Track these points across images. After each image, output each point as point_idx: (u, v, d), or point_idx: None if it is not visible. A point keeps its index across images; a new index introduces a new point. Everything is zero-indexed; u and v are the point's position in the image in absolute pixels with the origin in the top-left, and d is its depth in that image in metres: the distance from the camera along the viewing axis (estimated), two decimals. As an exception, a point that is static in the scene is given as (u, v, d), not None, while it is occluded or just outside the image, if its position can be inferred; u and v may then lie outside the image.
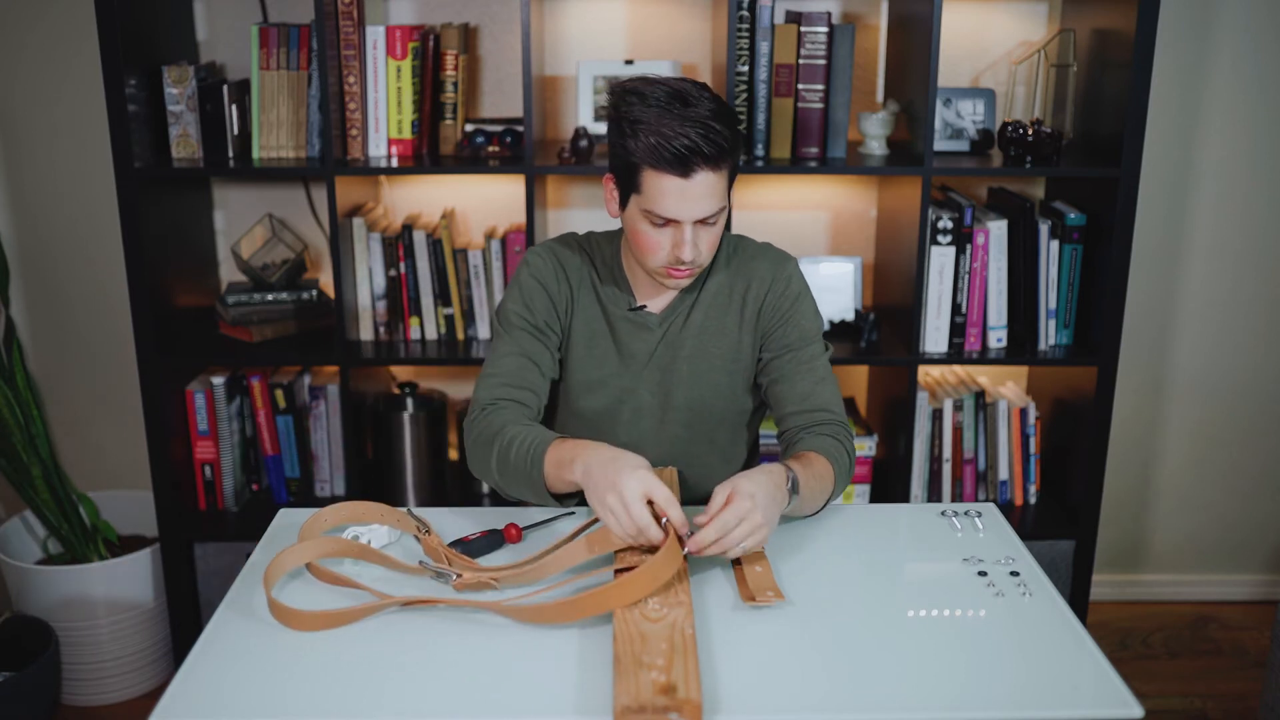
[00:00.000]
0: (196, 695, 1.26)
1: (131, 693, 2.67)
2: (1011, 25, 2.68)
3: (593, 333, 1.78)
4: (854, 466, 1.71)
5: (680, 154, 1.54)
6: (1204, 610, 3.02)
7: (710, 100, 1.58)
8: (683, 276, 1.67)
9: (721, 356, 1.78)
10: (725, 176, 1.61)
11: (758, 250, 1.81)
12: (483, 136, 2.50)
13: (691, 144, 1.54)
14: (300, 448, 2.66)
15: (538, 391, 1.73)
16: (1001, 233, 2.49)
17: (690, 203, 1.58)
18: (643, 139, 1.56)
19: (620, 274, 1.78)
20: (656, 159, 1.56)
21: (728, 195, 1.64)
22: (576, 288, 1.78)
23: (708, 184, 1.58)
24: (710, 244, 1.65)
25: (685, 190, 1.57)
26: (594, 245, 1.81)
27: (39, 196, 2.74)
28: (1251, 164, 2.76)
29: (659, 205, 1.59)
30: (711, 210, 1.60)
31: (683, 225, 1.60)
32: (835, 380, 1.76)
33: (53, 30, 2.63)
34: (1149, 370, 2.90)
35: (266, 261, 2.63)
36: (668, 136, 1.54)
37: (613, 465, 1.43)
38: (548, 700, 1.24)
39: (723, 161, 1.58)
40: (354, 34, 2.41)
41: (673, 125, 1.54)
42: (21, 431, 2.54)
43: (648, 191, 1.59)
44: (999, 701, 1.24)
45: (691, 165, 1.55)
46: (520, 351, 1.73)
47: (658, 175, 1.57)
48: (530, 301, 1.74)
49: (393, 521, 1.62)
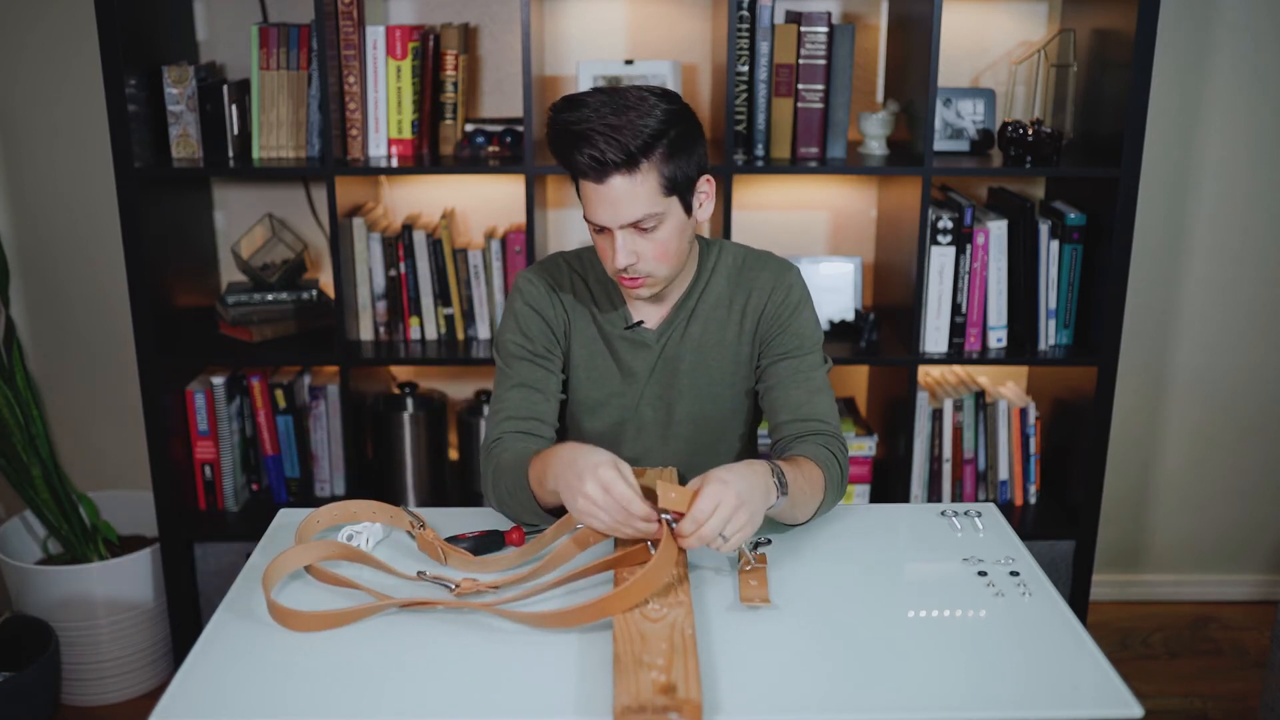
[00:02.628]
0: (196, 695, 1.26)
1: (131, 693, 2.67)
2: (1011, 25, 2.68)
3: (591, 354, 1.77)
4: (846, 482, 1.67)
5: (588, 162, 1.53)
6: (1204, 610, 3.02)
7: (643, 103, 1.54)
8: (634, 286, 1.64)
9: (721, 369, 1.77)
10: (651, 181, 1.54)
11: (760, 260, 1.77)
12: (483, 136, 2.50)
13: (598, 151, 1.51)
14: (300, 448, 2.66)
15: (546, 419, 1.71)
16: (1001, 233, 2.49)
17: (611, 208, 1.56)
18: (565, 149, 1.55)
19: (614, 289, 1.76)
20: (575, 167, 1.55)
21: (669, 203, 1.58)
22: (571, 310, 1.76)
23: (626, 189, 1.54)
24: (656, 253, 1.60)
25: (603, 195, 1.55)
26: (585, 262, 1.79)
27: (39, 196, 2.74)
28: (1251, 164, 2.76)
29: (589, 211, 1.59)
30: (636, 215, 1.56)
31: (614, 232, 1.58)
32: (833, 394, 1.74)
33: (53, 30, 2.63)
34: (1149, 370, 2.90)
35: (266, 261, 2.63)
36: (581, 145, 1.52)
37: (572, 468, 1.42)
38: (548, 700, 1.24)
39: (637, 166, 1.53)
40: (354, 34, 2.41)
41: (584, 135, 1.52)
42: (21, 431, 2.54)
43: (583, 198, 1.60)
44: (999, 701, 1.24)
45: (604, 172, 1.53)
46: (523, 382, 1.71)
47: (584, 183, 1.57)
48: (527, 329, 1.73)
49: (386, 518, 1.61)
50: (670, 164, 1.56)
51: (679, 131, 1.56)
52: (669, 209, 1.59)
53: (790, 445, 1.67)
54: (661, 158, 1.55)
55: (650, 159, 1.54)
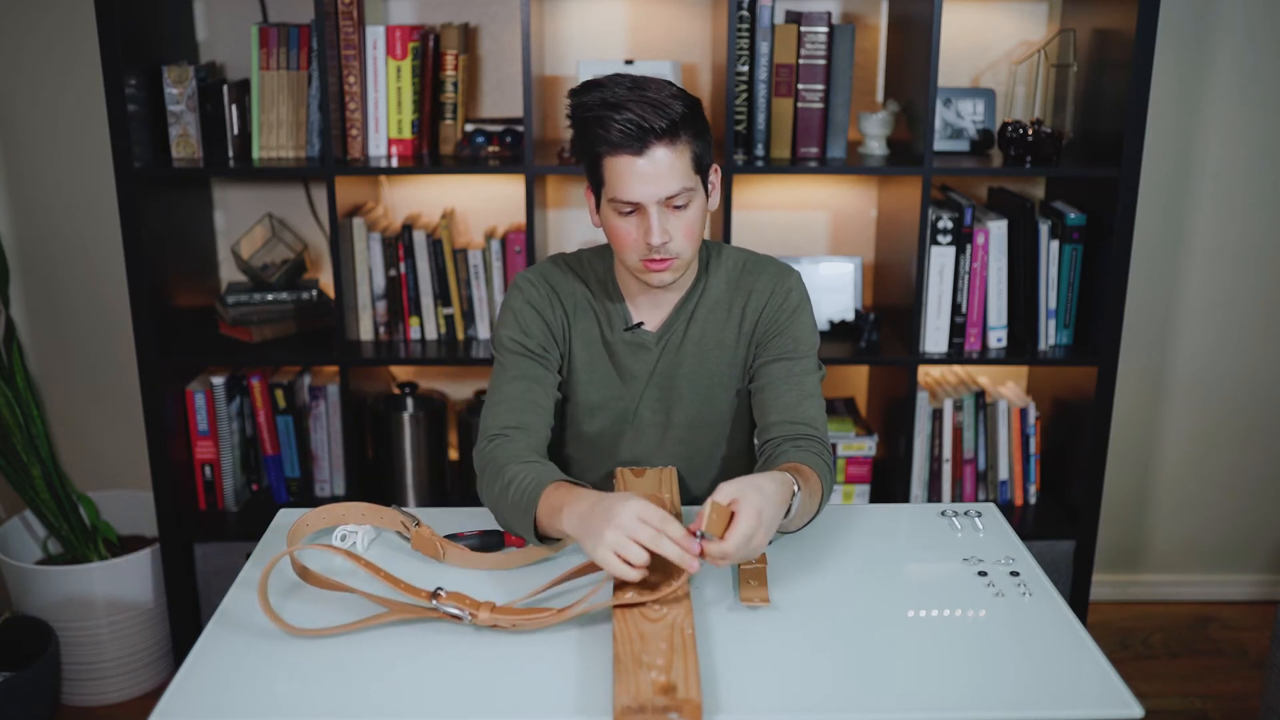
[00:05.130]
0: (196, 695, 1.26)
1: (131, 693, 2.67)
2: (1011, 25, 2.68)
3: (591, 356, 1.76)
4: (830, 496, 1.64)
5: (631, 131, 1.54)
6: (1204, 610, 3.02)
7: (665, 85, 1.58)
8: (661, 269, 1.62)
9: (720, 372, 1.76)
10: (686, 155, 1.57)
11: (760, 264, 1.77)
12: (483, 136, 2.50)
13: (641, 117, 1.53)
14: (300, 448, 2.66)
15: (543, 415, 1.69)
16: (1001, 233, 2.50)
17: (650, 182, 1.56)
18: (597, 125, 1.56)
19: (615, 289, 1.75)
20: (612, 141, 1.55)
21: (697, 181, 1.61)
22: (571, 311, 1.75)
23: (665, 161, 1.56)
24: (685, 232, 1.61)
25: (643, 169, 1.56)
26: (585, 264, 1.78)
27: (39, 196, 2.74)
28: (1251, 164, 2.76)
29: (621, 190, 1.58)
30: (674, 189, 1.57)
31: (648, 210, 1.58)
32: (823, 402, 1.72)
33: (53, 30, 2.63)
34: (1149, 370, 2.90)
35: (266, 261, 2.63)
36: (618, 116, 1.54)
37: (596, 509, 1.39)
38: (547, 700, 1.24)
39: (678, 137, 1.56)
40: (354, 34, 2.41)
41: (622, 106, 1.54)
42: (21, 431, 2.54)
43: (610, 179, 1.59)
44: (999, 701, 1.24)
45: (645, 141, 1.54)
46: (521, 376, 1.70)
47: (615, 158, 1.57)
48: (525, 326, 1.72)
49: (377, 520, 1.60)
50: (697, 142, 1.60)
51: (698, 114, 1.60)
52: (698, 187, 1.61)
53: (782, 448, 1.64)
54: (692, 134, 1.59)
55: (686, 133, 1.57)
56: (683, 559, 1.34)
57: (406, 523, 1.57)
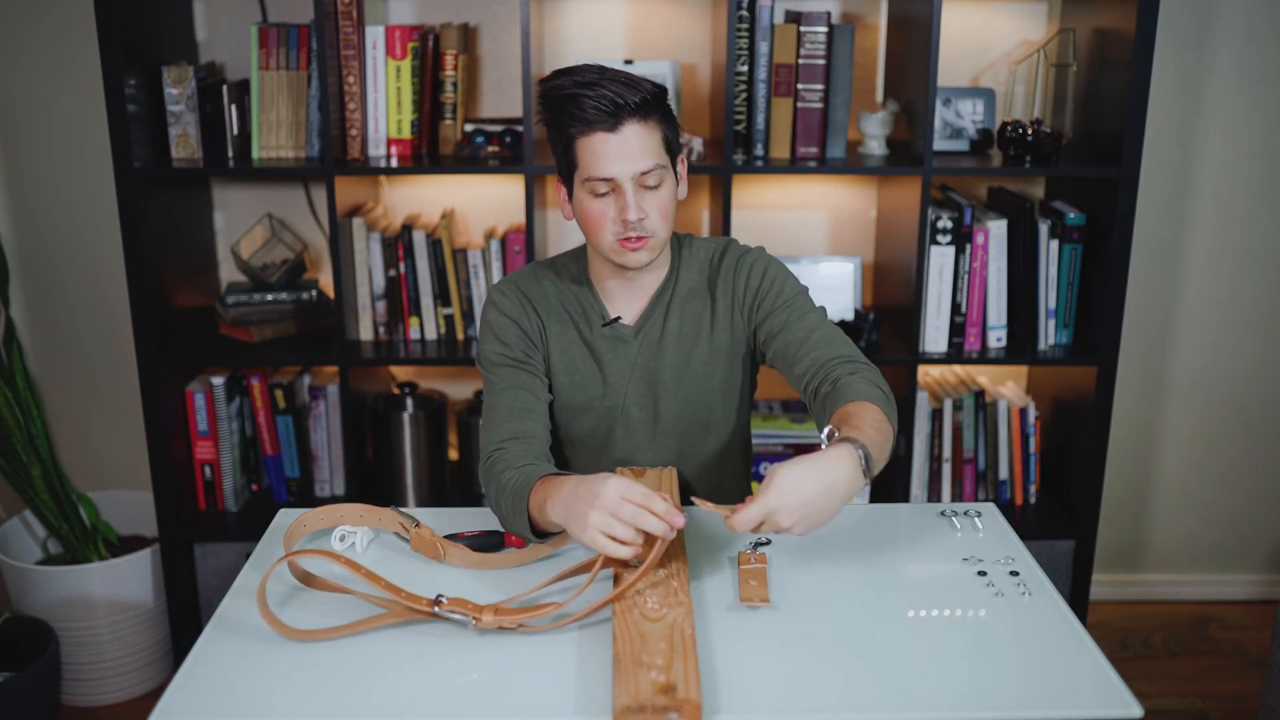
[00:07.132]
0: (196, 695, 1.26)
1: (131, 693, 2.67)
2: (1011, 25, 2.68)
3: (571, 358, 1.77)
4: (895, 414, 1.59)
5: (605, 106, 1.56)
6: (1204, 610, 3.02)
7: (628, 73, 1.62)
8: (637, 246, 1.64)
9: (703, 361, 1.77)
10: (657, 134, 1.61)
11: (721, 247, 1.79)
12: (482, 136, 2.50)
13: (615, 94, 1.56)
14: (300, 448, 2.66)
15: (538, 419, 1.70)
16: (1001, 232, 2.50)
17: (624, 158, 1.59)
18: (571, 104, 1.58)
19: (590, 286, 1.77)
20: (586, 119, 1.58)
21: (669, 163, 1.64)
22: (546, 316, 1.76)
23: (638, 138, 1.59)
24: (659, 210, 1.63)
25: (617, 145, 1.58)
26: (559, 265, 1.80)
27: (39, 196, 2.74)
28: (1251, 164, 2.76)
29: (596, 167, 1.60)
30: (647, 165, 1.60)
31: (623, 186, 1.60)
32: (841, 331, 1.71)
33: (53, 30, 2.63)
34: (1149, 370, 2.90)
35: (266, 261, 2.63)
36: (591, 93, 1.57)
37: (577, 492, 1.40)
38: (547, 700, 1.24)
39: (650, 114, 1.60)
40: (354, 34, 2.42)
41: (595, 84, 1.57)
42: (21, 431, 2.54)
43: (584, 158, 1.61)
44: (999, 701, 1.24)
45: (619, 117, 1.57)
46: (509, 386, 1.70)
47: (589, 137, 1.59)
48: (504, 337, 1.73)
49: (374, 521, 1.60)
50: (666, 124, 1.64)
51: (666, 100, 1.65)
52: (669, 169, 1.65)
53: (836, 374, 1.61)
54: (660, 116, 1.63)
55: (656, 113, 1.62)
56: (662, 529, 1.35)
57: (405, 524, 1.57)
